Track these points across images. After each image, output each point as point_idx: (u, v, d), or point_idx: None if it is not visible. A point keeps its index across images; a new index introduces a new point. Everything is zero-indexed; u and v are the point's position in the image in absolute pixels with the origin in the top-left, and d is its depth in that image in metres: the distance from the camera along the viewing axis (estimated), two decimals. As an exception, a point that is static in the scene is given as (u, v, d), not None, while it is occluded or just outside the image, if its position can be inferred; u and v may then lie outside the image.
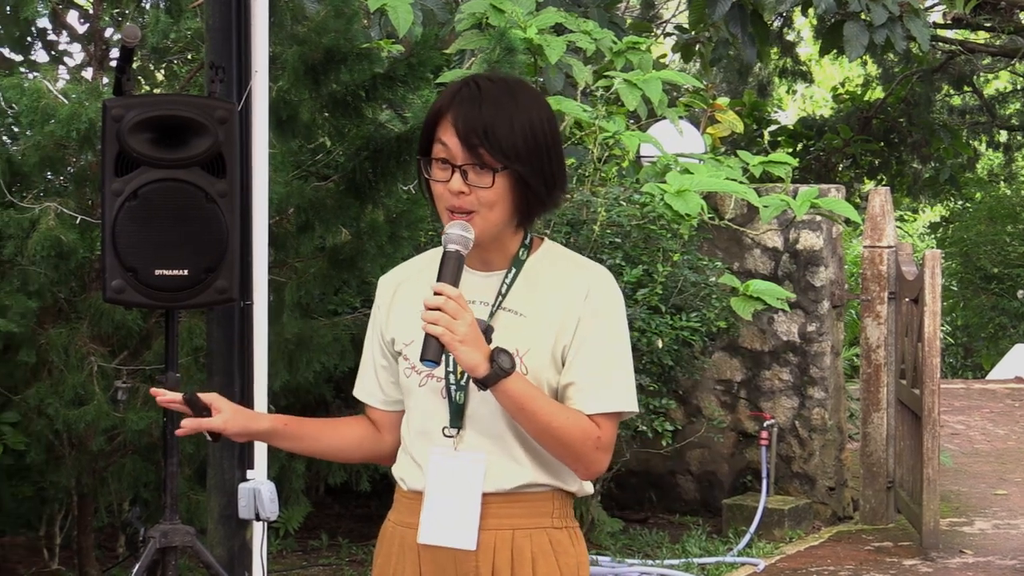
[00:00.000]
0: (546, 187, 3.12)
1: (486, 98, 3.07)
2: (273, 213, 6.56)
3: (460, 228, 3.06)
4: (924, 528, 8.97)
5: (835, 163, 17.57)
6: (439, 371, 3.12)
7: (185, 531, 5.22)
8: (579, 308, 3.12)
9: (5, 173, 6.82)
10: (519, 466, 3.12)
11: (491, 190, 3.06)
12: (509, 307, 3.15)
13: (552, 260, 3.22)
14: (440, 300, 2.96)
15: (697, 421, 10.02)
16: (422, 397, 3.17)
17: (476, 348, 2.98)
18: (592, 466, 3.12)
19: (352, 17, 6.94)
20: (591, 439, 3.09)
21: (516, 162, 3.06)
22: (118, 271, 5.04)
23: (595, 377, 3.11)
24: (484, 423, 3.12)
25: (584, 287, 3.14)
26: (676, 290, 8.74)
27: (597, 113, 8.86)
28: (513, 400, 3.02)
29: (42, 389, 6.81)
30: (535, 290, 3.16)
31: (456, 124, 3.05)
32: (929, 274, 9.01)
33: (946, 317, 20.20)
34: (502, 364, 2.98)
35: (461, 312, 2.96)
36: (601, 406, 3.11)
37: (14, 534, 8.35)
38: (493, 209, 3.08)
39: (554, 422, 3.04)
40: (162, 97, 6.11)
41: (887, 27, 12.66)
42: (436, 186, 3.12)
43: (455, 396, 3.13)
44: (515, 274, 3.18)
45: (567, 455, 3.09)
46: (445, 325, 2.94)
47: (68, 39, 8.52)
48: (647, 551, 9.03)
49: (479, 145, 3.04)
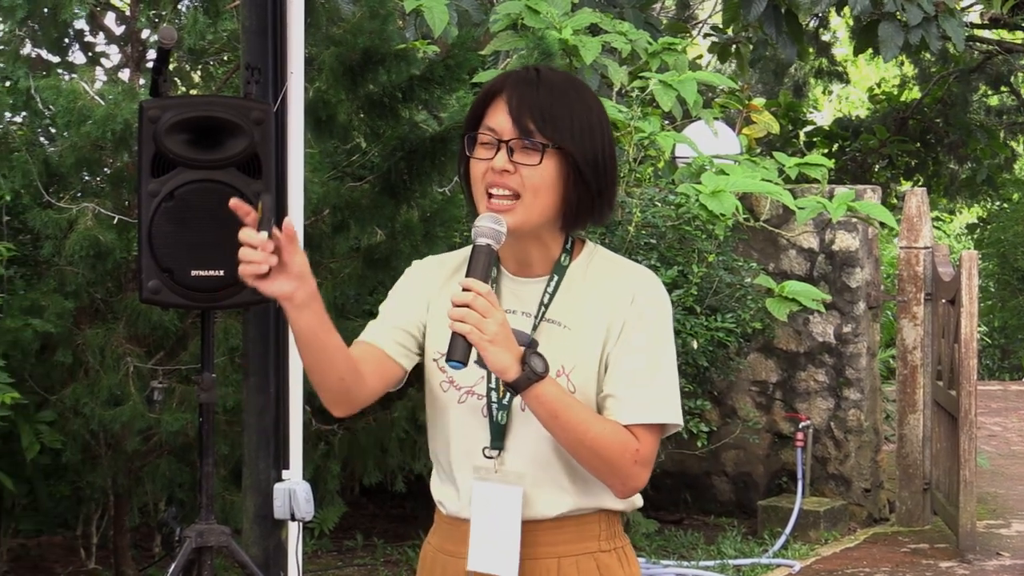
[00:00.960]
0: (597, 185, 2.89)
1: (545, 83, 2.89)
2: (309, 214, 6.57)
3: (491, 220, 2.83)
4: (961, 530, 8.93)
5: (871, 164, 17.50)
6: (480, 388, 2.92)
7: (221, 531, 5.24)
8: (623, 313, 2.90)
9: (42, 174, 6.85)
10: (562, 492, 2.91)
11: (538, 169, 2.84)
12: (553, 318, 2.93)
13: (596, 265, 2.99)
14: (469, 297, 2.74)
15: (732, 422, 10.00)
16: (461, 415, 2.95)
17: (507, 349, 2.76)
18: (629, 481, 2.89)
19: (387, 18, 6.95)
20: (629, 452, 2.86)
21: (569, 142, 2.85)
22: (154, 272, 5.06)
23: (636, 386, 2.88)
24: (527, 445, 2.91)
25: (630, 291, 2.92)
26: (711, 291, 8.72)
27: (632, 114, 8.85)
28: (546, 407, 2.80)
29: (78, 389, 6.83)
30: (579, 299, 2.94)
31: (510, 103, 2.87)
32: (966, 275, 8.97)
33: (983, 318, 20.10)
34: (534, 367, 2.76)
35: (491, 310, 2.74)
36: (640, 417, 2.88)
37: (51, 534, 8.39)
38: (539, 195, 2.86)
39: (590, 432, 2.82)
40: (198, 98, 6.13)
41: (922, 27, 12.61)
42: (477, 165, 2.90)
43: (497, 415, 2.92)
44: (558, 281, 2.95)
45: (603, 469, 2.87)
46: (474, 323, 2.72)
47: (105, 41, 8.55)
48: (682, 552, 9.01)
49: (529, 119, 2.84)
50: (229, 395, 6.73)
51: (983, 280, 20.89)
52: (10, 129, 7.15)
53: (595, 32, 9.35)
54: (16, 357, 6.66)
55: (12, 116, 7.26)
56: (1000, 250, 21.32)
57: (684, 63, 9.53)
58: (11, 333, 6.61)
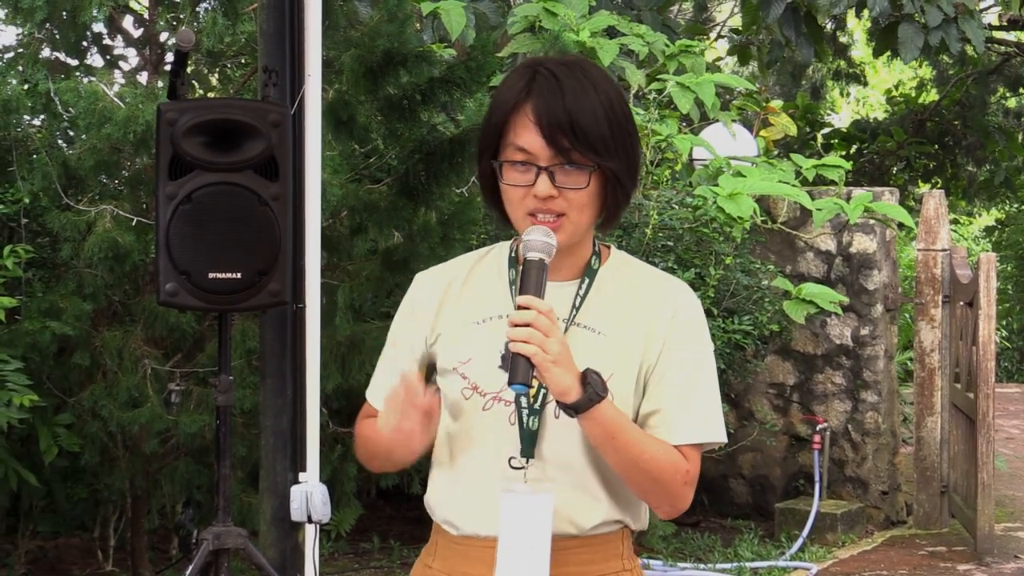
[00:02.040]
0: (632, 186, 2.81)
1: (566, 87, 2.71)
2: (327, 216, 6.58)
3: (543, 234, 2.70)
4: (978, 533, 8.91)
5: (889, 166, 17.47)
6: (508, 393, 2.75)
7: (238, 533, 5.25)
8: (665, 328, 2.80)
9: (61, 176, 6.87)
10: (596, 501, 2.79)
11: (584, 191, 2.72)
12: (584, 323, 2.80)
13: (627, 272, 2.89)
14: (531, 316, 2.60)
15: (749, 425, 9.98)
16: (486, 423, 2.79)
17: (569, 369, 2.63)
18: (678, 502, 2.81)
19: (405, 21, 6.96)
20: (680, 473, 2.77)
21: (608, 158, 2.71)
22: (172, 274, 5.07)
23: (683, 405, 2.79)
24: (559, 453, 2.77)
25: (670, 305, 2.83)
26: (728, 293, 8.72)
27: (649, 116, 8.85)
28: (605, 428, 2.68)
29: (96, 391, 6.85)
30: (612, 305, 2.82)
31: (539, 121, 2.69)
32: (984, 277, 8.96)
33: (1001, 321, 20.06)
34: (596, 387, 2.64)
35: (553, 329, 2.61)
36: (690, 436, 2.79)
37: (69, 535, 8.41)
38: (584, 211, 2.75)
39: (645, 454, 2.72)
40: (216, 101, 6.15)
41: (942, 28, 12.59)
42: (514, 191, 2.75)
43: (528, 422, 2.77)
44: (588, 285, 2.84)
45: (654, 490, 2.77)
46: (537, 343, 2.59)
47: (123, 44, 8.57)
48: (699, 555, 9.00)
49: (568, 143, 2.68)
50: (246, 397, 6.74)
51: (1001, 282, 20.83)
52: (29, 132, 7.17)
53: (612, 34, 9.35)
54: (34, 359, 6.67)
55: (31, 119, 7.28)
56: (1018, 252, 21.28)
57: (701, 65, 9.53)
58: (29, 335, 6.63)
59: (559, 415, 2.74)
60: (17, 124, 7.10)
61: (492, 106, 2.79)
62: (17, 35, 8.36)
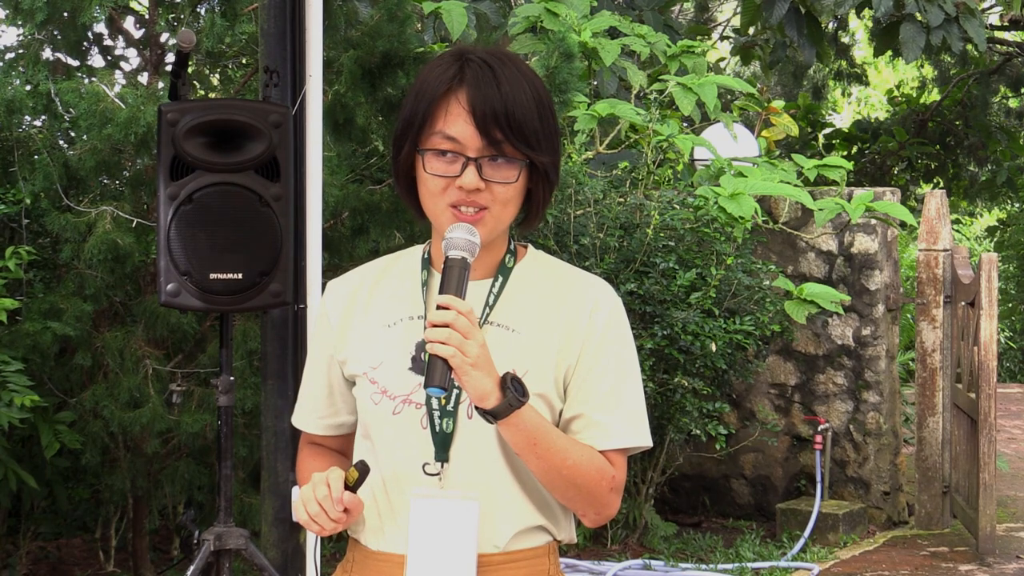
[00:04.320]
0: (557, 177, 2.71)
1: (500, 78, 2.59)
2: (327, 217, 6.58)
3: (467, 232, 2.58)
4: (980, 533, 8.91)
5: (890, 166, 17.47)
6: (418, 395, 2.63)
7: (239, 534, 5.25)
8: (584, 328, 2.67)
9: (62, 177, 6.87)
10: (515, 507, 2.65)
11: (512, 186, 2.62)
12: (499, 321, 2.68)
13: (544, 270, 2.76)
14: (450, 316, 2.47)
15: (751, 425, 9.98)
16: (396, 428, 2.65)
17: (488, 374, 2.50)
18: (604, 509, 2.67)
19: (405, 21, 6.96)
20: (606, 479, 2.63)
21: (539, 152, 2.62)
22: (173, 275, 5.07)
23: (609, 409, 2.65)
24: (474, 457, 2.63)
25: (588, 303, 2.69)
26: (730, 293, 8.72)
27: (650, 116, 8.86)
28: (525, 435, 2.54)
29: (98, 391, 6.85)
30: (527, 302, 2.70)
31: (472, 110, 2.57)
32: (985, 277, 8.95)
33: (1003, 321, 20.06)
34: (516, 393, 2.51)
35: (472, 330, 2.48)
36: (616, 441, 2.65)
37: (70, 536, 8.41)
38: (507, 207, 2.64)
39: (568, 460, 2.58)
40: (217, 101, 6.14)
41: (943, 28, 12.59)
42: (435, 181, 2.61)
43: (442, 424, 2.63)
44: (503, 282, 2.71)
45: (578, 497, 2.64)
46: (456, 345, 2.46)
47: (124, 44, 8.57)
48: (700, 555, 9.00)
49: (501, 135, 2.57)
50: (248, 398, 6.74)
51: (1003, 282, 20.84)
52: (31, 132, 7.17)
53: (614, 35, 9.35)
54: (35, 360, 6.68)
55: (33, 119, 7.28)
56: (1020, 252, 21.28)
57: (703, 66, 9.53)
58: (30, 336, 6.63)
59: (472, 415, 2.61)
60: (19, 125, 7.10)
61: (417, 92, 2.64)
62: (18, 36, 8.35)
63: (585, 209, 8.55)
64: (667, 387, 8.55)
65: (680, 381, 8.50)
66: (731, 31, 16.67)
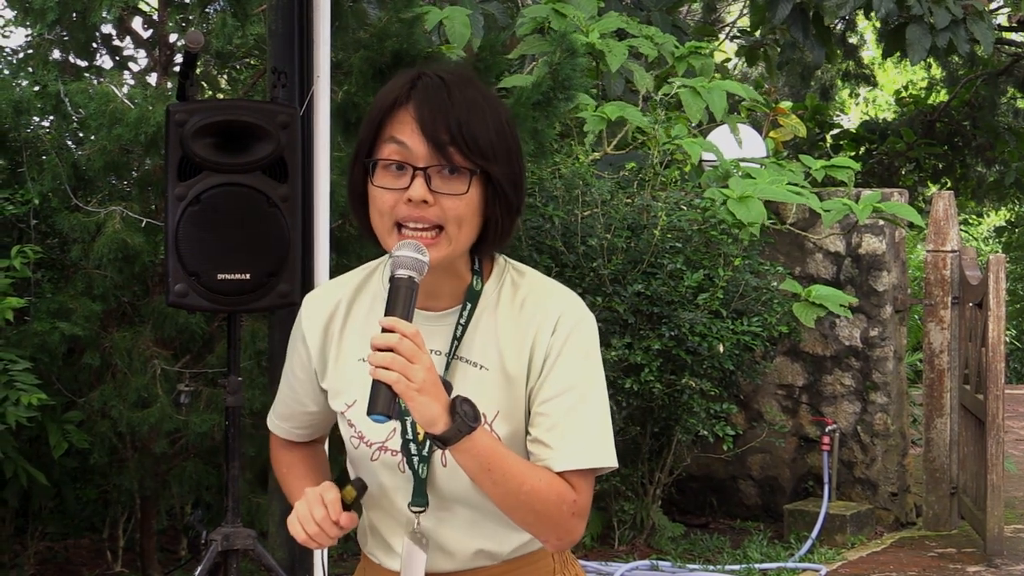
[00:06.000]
0: (517, 202, 2.58)
1: (453, 90, 2.51)
2: (336, 217, 6.58)
3: (413, 249, 2.46)
4: (988, 534, 8.90)
5: (898, 167, 17.45)
6: (393, 442, 2.59)
7: (247, 534, 5.25)
8: (546, 345, 2.56)
9: (71, 177, 6.88)
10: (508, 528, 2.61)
11: (463, 199, 2.49)
12: (467, 357, 2.59)
13: (509, 286, 2.64)
14: (393, 339, 2.35)
15: (758, 426, 9.98)
16: (377, 473, 2.64)
17: (435, 398, 2.39)
18: (566, 536, 2.56)
19: (414, 22, 6.96)
20: (566, 504, 2.52)
21: (492, 162, 2.50)
22: (181, 275, 5.07)
23: (569, 430, 2.54)
24: (458, 491, 2.59)
25: (552, 317, 2.57)
26: (737, 295, 8.71)
27: (656, 117, 8.86)
28: (477, 460, 2.45)
29: (106, 392, 6.86)
30: (494, 331, 2.59)
31: (420, 118, 2.49)
32: (993, 278, 8.95)
33: (1011, 322, 20.04)
34: (466, 417, 2.41)
35: (418, 354, 2.36)
36: (576, 463, 2.54)
37: (78, 537, 8.42)
38: (463, 225, 2.50)
39: (525, 485, 2.48)
40: (225, 102, 6.14)
41: (950, 30, 12.58)
42: (383, 195, 2.51)
43: (418, 469, 2.59)
44: (471, 309, 2.59)
45: (538, 523, 2.53)
46: (399, 370, 2.34)
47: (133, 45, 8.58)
48: (708, 556, 9.00)
49: (449, 143, 2.47)
50: (255, 398, 6.74)
51: (1011, 283, 20.81)
52: (39, 133, 7.18)
53: (622, 36, 9.35)
54: (43, 360, 6.68)
55: (41, 120, 7.29)
56: (1028, 253, 21.25)
57: (710, 67, 9.52)
58: (39, 336, 6.64)
59: (446, 463, 2.56)
60: (27, 125, 7.11)
61: (372, 107, 2.59)
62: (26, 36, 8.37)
63: (592, 210, 8.55)
64: (674, 388, 8.56)
65: (687, 382, 8.50)
66: (738, 32, 16.66)
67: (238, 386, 5.32)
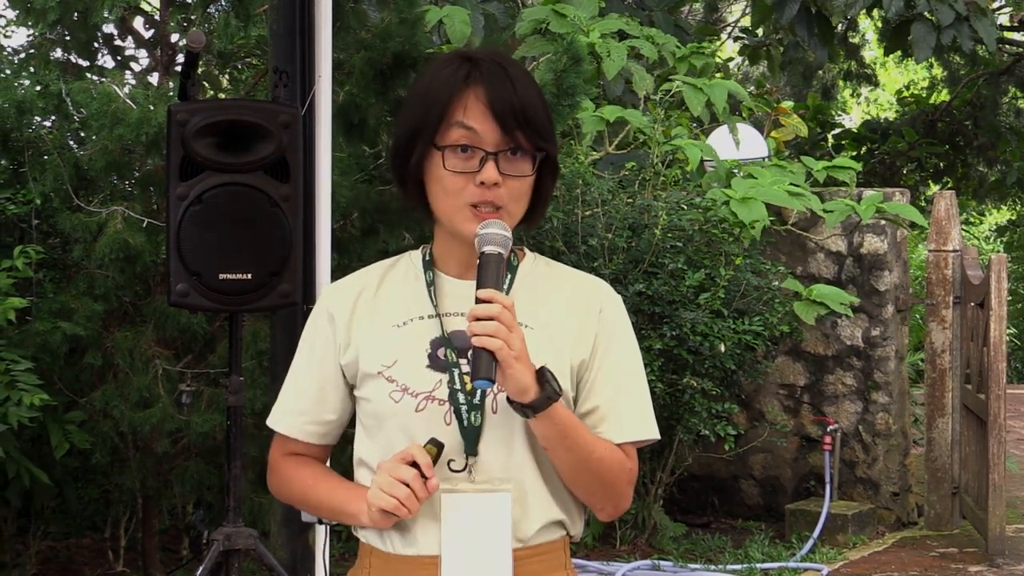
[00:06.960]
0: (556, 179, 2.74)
1: (512, 75, 2.62)
2: (337, 217, 6.58)
3: (499, 227, 2.57)
4: (990, 534, 8.90)
5: (900, 167, 17.44)
6: (440, 392, 2.60)
7: (248, 534, 5.25)
8: (594, 323, 2.68)
9: (72, 177, 6.89)
10: (537, 501, 2.63)
11: (526, 180, 2.63)
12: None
13: (547, 270, 2.78)
14: (495, 309, 2.47)
15: (760, 425, 9.98)
16: (419, 425, 2.60)
17: (528, 367, 2.50)
18: (620, 504, 2.70)
19: (416, 23, 6.96)
20: (625, 472, 2.67)
21: (550, 143, 2.64)
22: (183, 275, 5.07)
23: (623, 402, 2.68)
24: (503, 450, 2.61)
25: (596, 301, 2.71)
26: (739, 294, 8.71)
27: (656, 117, 8.85)
28: (558, 428, 2.55)
29: (108, 391, 6.86)
30: (538, 299, 2.69)
31: (491, 104, 2.58)
32: (995, 278, 8.95)
33: (1012, 321, 20.03)
34: (553, 386, 2.52)
35: (515, 324, 2.49)
36: (631, 434, 2.68)
37: (80, 536, 8.42)
38: (519, 203, 2.65)
39: (595, 453, 2.61)
40: (226, 102, 6.14)
41: (954, 27, 12.56)
42: (453, 179, 2.60)
43: (469, 418, 2.60)
44: (511, 280, 2.69)
45: (602, 491, 2.66)
46: (504, 338, 2.46)
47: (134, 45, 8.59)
48: (709, 556, 9.00)
49: (516, 127, 2.58)
50: (257, 398, 6.74)
51: (1012, 283, 20.81)
52: (41, 133, 7.18)
53: (622, 37, 9.34)
54: (45, 360, 6.69)
55: (42, 120, 7.30)
56: (1030, 253, 21.25)
57: (711, 67, 9.52)
58: (40, 336, 6.64)
59: (497, 409, 2.60)
60: (29, 125, 7.12)
61: (426, 92, 2.64)
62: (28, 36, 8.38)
63: (593, 210, 8.55)
64: (676, 387, 8.55)
65: (689, 381, 8.50)
66: (741, 31, 16.66)
67: (240, 386, 5.32)
